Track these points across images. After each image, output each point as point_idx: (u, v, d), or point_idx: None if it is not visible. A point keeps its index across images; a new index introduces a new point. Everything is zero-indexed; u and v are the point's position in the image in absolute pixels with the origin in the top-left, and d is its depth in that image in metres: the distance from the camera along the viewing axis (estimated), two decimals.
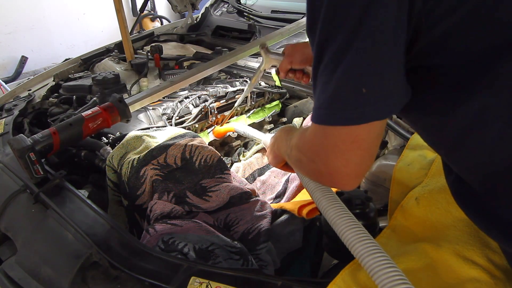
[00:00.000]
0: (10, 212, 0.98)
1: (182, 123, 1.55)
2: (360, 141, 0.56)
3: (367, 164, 0.60)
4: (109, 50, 1.93)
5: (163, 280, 0.73)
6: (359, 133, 0.55)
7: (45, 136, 0.99)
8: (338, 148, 0.57)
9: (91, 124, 1.05)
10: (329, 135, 0.57)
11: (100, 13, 5.04)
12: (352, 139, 0.56)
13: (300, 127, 0.98)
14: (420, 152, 1.00)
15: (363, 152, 0.57)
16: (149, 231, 0.91)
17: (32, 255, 0.88)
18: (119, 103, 1.11)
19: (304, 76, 1.16)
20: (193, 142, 1.15)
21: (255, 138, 1.52)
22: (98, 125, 1.07)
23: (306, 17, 0.60)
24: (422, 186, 0.86)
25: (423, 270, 0.68)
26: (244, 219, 1.03)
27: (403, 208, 0.82)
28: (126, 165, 1.07)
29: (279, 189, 1.51)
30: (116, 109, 1.10)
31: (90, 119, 1.06)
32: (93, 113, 1.07)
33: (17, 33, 4.53)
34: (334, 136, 0.57)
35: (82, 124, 1.05)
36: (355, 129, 0.55)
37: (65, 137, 1.02)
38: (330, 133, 0.57)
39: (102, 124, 1.09)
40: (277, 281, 0.71)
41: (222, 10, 2.31)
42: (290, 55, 1.14)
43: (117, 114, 1.10)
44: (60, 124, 1.05)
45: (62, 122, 1.07)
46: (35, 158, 0.94)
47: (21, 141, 0.94)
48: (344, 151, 0.57)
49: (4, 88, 3.60)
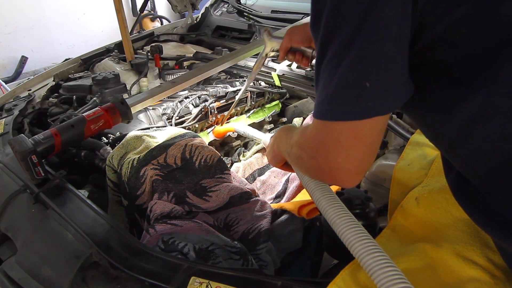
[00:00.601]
0: (10, 212, 0.98)
1: (182, 123, 1.55)
2: (362, 136, 0.56)
3: (368, 161, 0.60)
4: (109, 50, 1.93)
5: (163, 280, 0.73)
6: (362, 128, 0.55)
7: (46, 138, 0.99)
8: (340, 144, 0.57)
9: (93, 126, 1.05)
10: (331, 130, 0.57)
11: (100, 13, 5.04)
12: (354, 134, 0.55)
13: (300, 126, 0.98)
14: (420, 152, 1.00)
15: (365, 148, 0.57)
16: (149, 231, 0.91)
17: (32, 255, 0.88)
18: (121, 104, 1.11)
19: (303, 59, 1.16)
20: (193, 142, 1.15)
21: (255, 138, 1.52)
22: (99, 127, 1.07)
23: (311, 12, 0.59)
24: (422, 186, 0.86)
25: (423, 270, 0.68)
26: (244, 219, 1.03)
27: (403, 208, 0.82)
28: (126, 165, 1.07)
29: (279, 189, 1.51)
30: (117, 111, 1.09)
31: (92, 121, 1.05)
32: (95, 114, 1.07)
33: (17, 33, 4.53)
34: (336, 132, 0.56)
35: (84, 125, 1.04)
36: (358, 124, 0.55)
37: (67, 138, 1.02)
38: (332, 129, 0.57)
39: (104, 126, 1.09)
40: (277, 281, 0.71)
41: (222, 10, 2.30)
42: (291, 33, 1.14)
43: (119, 115, 1.10)
44: (61, 125, 1.05)
45: (64, 123, 1.07)
46: (37, 160, 0.94)
47: (23, 143, 0.94)
48: (346, 146, 0.56)
49: (4, 88, 3.60)
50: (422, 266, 0.69)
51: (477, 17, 0.51)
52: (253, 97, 1.75)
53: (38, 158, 0.95)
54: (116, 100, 1.11)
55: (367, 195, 0.83)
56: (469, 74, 0.53)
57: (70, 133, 1.03)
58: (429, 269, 0.68)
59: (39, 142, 0.97)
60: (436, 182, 0.85)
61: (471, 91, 0.53)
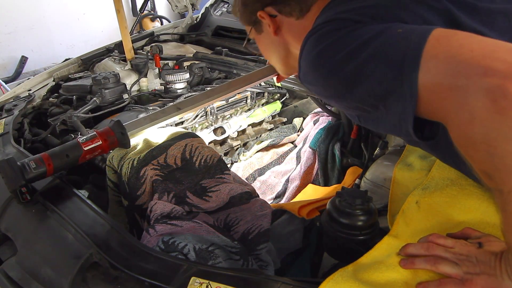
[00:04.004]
0: (10, 212, 0.98)
1: (182, 123, 1.56)
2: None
3: None
4: (109, 50, 1.93)
5: (163, 280, 0.73)
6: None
7: (38, 167, 0.94)
8: None
9: (88, 156, 1.01)
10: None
11: (100, 13, 5.04)
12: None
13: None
14: (420, 153, 1.00)
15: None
16: (149, 231, 0.91)
17: (32, 255, 0.88)
18: (121, 135, 1.06)
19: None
20: (193, 142, 1.15)
21: None
22: (94, 155, 1.03)
23: (329, 89, 0.69)
24: (422, 189, 0.85)
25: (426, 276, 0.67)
26: (244, 219, 1.03)
27: (404, 213, 0.82)
28: (126, 165, 1.07)
29: (279, 189, 1.51)
30: (116, 140, 1.05)
31: (88, 151, 1.01)
32: (93, 143, 1.01)
33: (17, 33, 4.53)
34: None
35: (80, 155, 1.00)
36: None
37: (59, 166, 0.98)
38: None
39: (99, 154, 1.05)
40: (277, 281, 0.71)
41: (222, 10, 2.30)
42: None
43: (117, 145, 1.06)
44: (55, 151, 0.99)
45: (58, 148, 1.01)
46: (26, 190, 0.93)
47: (13, 175, 0.90)
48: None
49: (4, 88, 3.59)
50: (424, 272, 0.68)
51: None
52: (253, 97, 1.75)
53: (27, 187, 0.93)
54: (118, 130, 1.06)
55: (367, 195, 0.83)
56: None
57: (63, 161, 0.98)
58: (433, 276, 0.68)
59: (30, 170, 0.93)
60: (437, 184, 0.85)
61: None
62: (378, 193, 1.10)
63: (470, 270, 0.63)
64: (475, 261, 0.63)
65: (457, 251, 0.65)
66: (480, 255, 0.63)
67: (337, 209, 0.81)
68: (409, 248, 0.69)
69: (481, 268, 0.62)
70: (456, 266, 0.64)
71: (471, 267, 0.63)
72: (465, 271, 0.63)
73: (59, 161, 0.97)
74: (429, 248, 0.67)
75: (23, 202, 0.94)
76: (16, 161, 0.93)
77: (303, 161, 1.49)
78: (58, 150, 1.00)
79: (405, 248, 0.70)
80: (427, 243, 0.68)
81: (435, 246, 0.67)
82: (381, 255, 0.73)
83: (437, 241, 0.68)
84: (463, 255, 0.64)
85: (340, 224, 0.80)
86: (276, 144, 1.72)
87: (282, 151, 1.69)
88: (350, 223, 0.80)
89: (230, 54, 1.81)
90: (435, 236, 0.69)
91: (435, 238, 0.68)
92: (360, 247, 0.76)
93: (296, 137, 1.73)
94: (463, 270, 0.63)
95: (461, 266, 0.63)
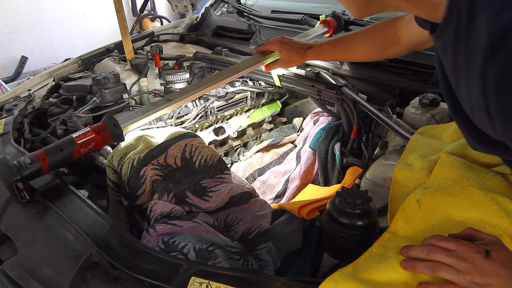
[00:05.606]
0: (10, 212, 0.98)
1: (182, 123, 1.56)
2: None
3: None
4: (109, 50, 1.93)
5: (163, 280, 0.73)
6: None
7: (33, 162, 0.95)
8: None
9: (83, 149, 1.01)
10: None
11: (100, 13, 5.04)
12: None
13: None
14: (420, 152, 1.00)
15: None
16: (149, 231, 0.91)
17: (32, 255, 0.88)
18: (114, 127, 1.06)
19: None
20: (193, 142, 1.15)
21: None
22: (89, 149, 1.03)
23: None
24: (423, 188, 0.85)
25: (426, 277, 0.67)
26: (244, 219, 1.03)
27: (404, 211, 0.82)
28: (126, 165, 1.07)
29: (279, 189, 1.51)
30: (109, 133, 1.05)
31: (82, 144, 1.01)
32: (86, 137, 1.02)
33: (17, 33, 4.53)
34: None
35: (74, 149, 1.00)
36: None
37: (54, 162, 0.98)
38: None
39: (94, 148, 1.05)
40: (277, 281, 0.71)
41: (222, 10, 2.30)
42: (282, 41, 1.35)
43: (110, 138, 1.06)
44: (49, 147, 1.00)
45: (52, 145, 1.01)
46: (23, 186, 0.93)
47: (8, 171, 0.91)
48: None
49: (4, 88, 3.59)
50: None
51: None
52: (253, 97, 1.75)
53: (23, 183, 0.93)
54: (109, 122, 1.06)
55: (367, 195, 0.83)
56: None
57: (58, 156, 0.98)
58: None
59: (25, 166, 0.93)
60: (438, 184, 0.84)
61: None
62: (378, 193, 1.10)
63: (475, 280, 0.61)
64: (481, 272, 0.61)
65: (460, 256, 0.63)
66: (487, 265, 0.61)
67: (337, 209, 0.81)
68: (412, 251, 0.68)
69: (486, 280, 0.60)
70: (459, 273, 0.62)
71: (477, 277, 0.61)
72: (468, 280, 0.61)
73: (53, 157, 0.98)
74: (430, 252, 0.66)
75: (22, 201, 0.94)
76: (12, 160, 0.94)
77: (303, 161, 1.49)
78: (52, 146, 1.00)
79: (408, 250, 0.69)
80: (428, 246, 0.67)
81: (436, 250, 0.65)
82: (379, 252, 0.73)
83: (439, 243, 0.66)
84: (467, 261, 0.62)
85: (340, 224, 0.81)
86: (276, 144, 1.72)
87: (282, 151, 1.69)
88: (350, 223, 0.80)
89: (230, 54, 1.80)
90: (437, 238, 0.67)
91: (437, 241, 0.67)
92: (360, 247, 0.76)
93: (296, 137, 1.73)
94: (467, 279, 0.61)
95: (464, 274, 0.62)
